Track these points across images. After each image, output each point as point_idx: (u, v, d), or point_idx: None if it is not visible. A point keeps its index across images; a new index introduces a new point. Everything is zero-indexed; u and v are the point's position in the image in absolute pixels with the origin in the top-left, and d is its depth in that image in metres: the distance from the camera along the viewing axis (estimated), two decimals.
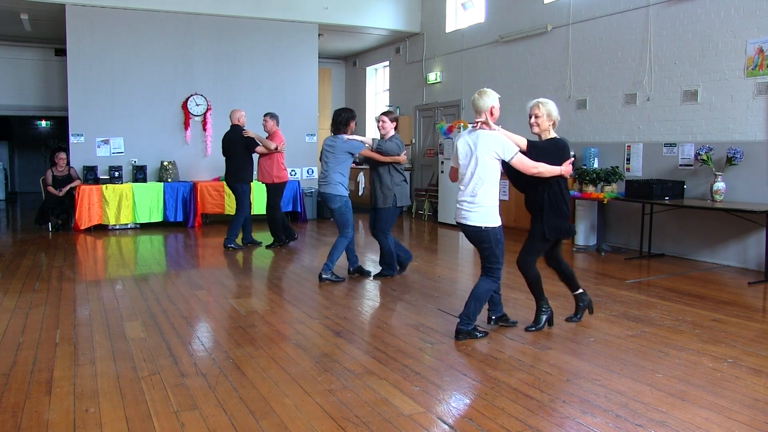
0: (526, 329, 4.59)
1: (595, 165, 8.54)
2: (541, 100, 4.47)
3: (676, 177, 7.61)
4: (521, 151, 4.28)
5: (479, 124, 4.29)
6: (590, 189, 7.90)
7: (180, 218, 10.44)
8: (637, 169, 8.20)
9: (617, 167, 7.88)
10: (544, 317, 4.63)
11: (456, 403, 3.36)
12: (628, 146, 8.33)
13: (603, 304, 5.38)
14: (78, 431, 2.98)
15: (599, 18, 8.74)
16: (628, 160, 8.31)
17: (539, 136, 4.50)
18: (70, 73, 10.33)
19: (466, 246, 8.69)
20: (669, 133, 7.80)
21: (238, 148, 8.15)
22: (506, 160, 4.26)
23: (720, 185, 6.93)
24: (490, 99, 4.31)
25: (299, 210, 11.28)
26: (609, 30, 8.60)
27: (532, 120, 4.43)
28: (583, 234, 8.52)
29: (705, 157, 7.06)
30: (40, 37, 12.54)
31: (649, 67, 8.01)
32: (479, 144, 4.27)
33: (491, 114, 4.31)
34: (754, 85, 6.87)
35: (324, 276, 6.23)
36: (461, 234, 9.40)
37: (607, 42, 8.65)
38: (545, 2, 9.68)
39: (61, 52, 11.93)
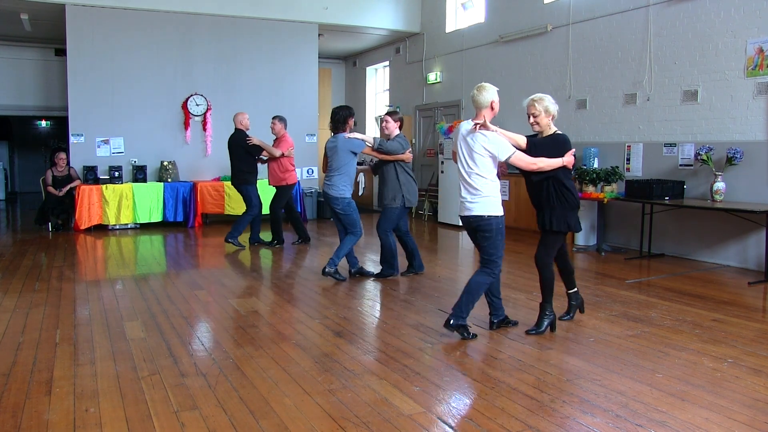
0: (527, 332, 4.51)
1: (595, 165, 8.54)
2: (535, 96, 4.41)
3: (676, 177, 7.61)
4: (522, 150, 4.27)
5: (478, 126, 4.25)
6: (590, 189, 7.90)
7: (180, 218, 10.44)
8: (637, 169, 8.20)
9: (617, 167, 7.88)
10: (546, 321, 4.55)
11: (456, 403, 3.36)
12: (628, 146, 8.33)
13: (603, 304, 5.38)
14: (78, 431, 2.98)
15: (599, 18, 8.74)
16: (628, 160, 8.31)
17: (541, 133, 4.48)
18: (70, 73, 10.33)
19: (466, 246, 8.70)
20: (669, 133, 7.80)
21: (240, 151, 8.20)
22: (503, 161, 4.26)
23: (720, 185, 6.93)
24: (490, 94, 4.27)
25: (299, 210, 11.26)
26: (609, 30, 8.60)
27: (531, 120, 4.42)
28: (583, 234, 8.51)
29: (705, 157, 7.06)
30: (40, 37, 12.54)
31: (649, 67, 8.01)
32: (476, 143, 4.26)
33: (491, 108, 4.28)
34: (754, 85, 6.87)
35: (327, 269, 6.21)
36: (461, 234, 9.46)
37: (607, 42, 8.64)
38: (545, 2, 9.68)
39: (61, 52, 11.92)
